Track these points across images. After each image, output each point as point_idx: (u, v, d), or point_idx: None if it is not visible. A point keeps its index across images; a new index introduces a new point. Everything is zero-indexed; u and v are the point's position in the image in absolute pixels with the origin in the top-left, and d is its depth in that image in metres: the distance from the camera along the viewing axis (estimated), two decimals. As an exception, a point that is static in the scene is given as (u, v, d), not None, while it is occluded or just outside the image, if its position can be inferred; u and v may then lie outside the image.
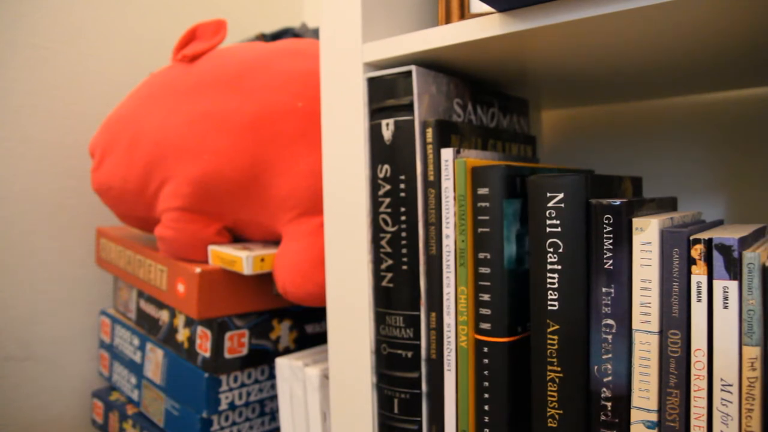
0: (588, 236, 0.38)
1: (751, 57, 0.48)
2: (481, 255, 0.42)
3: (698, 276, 0.35)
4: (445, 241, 0.44)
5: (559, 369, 0.39)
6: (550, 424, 0.40)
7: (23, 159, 0.78)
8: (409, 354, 0.47)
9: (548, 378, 0.40)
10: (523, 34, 0.40)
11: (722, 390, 0.34)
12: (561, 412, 0.39)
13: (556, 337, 0.39)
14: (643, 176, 0.72)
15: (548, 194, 0.39)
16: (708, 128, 0.68)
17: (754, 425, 0.33)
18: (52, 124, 0.81)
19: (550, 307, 0.40)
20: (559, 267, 0.39)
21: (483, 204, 0.42)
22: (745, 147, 0.65)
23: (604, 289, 0.38)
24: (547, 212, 0.39)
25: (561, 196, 0.39)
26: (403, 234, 0.46)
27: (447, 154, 0.44)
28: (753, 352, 0.33)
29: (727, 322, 0.34)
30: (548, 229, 0.39)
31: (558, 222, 0.39)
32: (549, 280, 0.40)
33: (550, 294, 0.40)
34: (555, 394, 0.40)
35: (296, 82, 0.63)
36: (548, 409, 0.40)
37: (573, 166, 0.68)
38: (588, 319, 0.39)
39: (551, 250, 0.39)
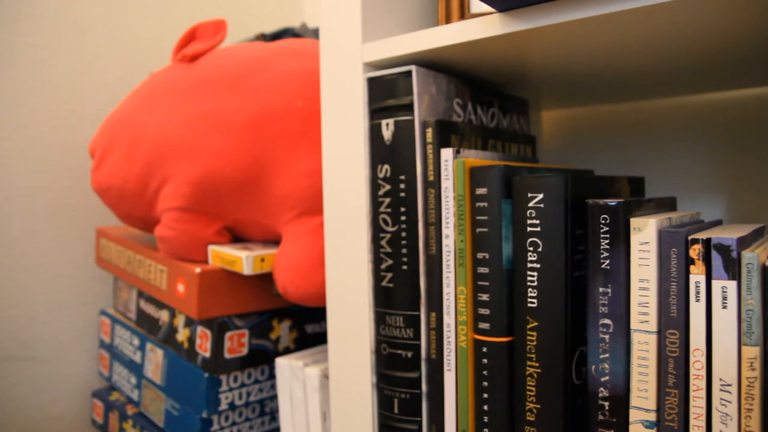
0: (567, 236, 0.39)
1: (752, 57, 0.48)
2: (480, 255, 0.42)
3: (697, 276, 0.35)
4: (444, 241, 0.44)
5: (537, 365, 0.40)
6: (528, 418, 0.40)
7: (23, 159, 0.78)
8: (409, 354, 0.47)
9: (527, 373, 0.40)
10: (523, 34, 0.40)
11: (721, 390, 0.34)
12: (539, 406, 0.40)
13: (534, 334, 0.40)
14: (643, 176, 0.72)
15: (529, 194, 0.40)
16: (708, 128, 0.68)
17: (754, 425, 0.33)
18: (52, 124, 0.81)
19: (529, 305, 0.40)
20: (539, 266, 0.40)
21: (481, 204, 0.42)
22: (745, 147, 0.65)
23: (601, 289, 0.38)
24: (528, 212, 0.40)
25: (541, 196, 0.39)
26: (403, 234, 0.46)
27: (447, 154, 0.44)
28: (752, 352, 0.33)
29: (725, 322, 0.34)
30: (528, 229, 0.40)
31: (538, 221, 0.40)
32: (529, 278, 0.40)
33: (530, 292, 0.40)
34: (533, 389, 0.40)
35: (296, 82, 0.63)
36: (527, 403, 0.40)
37: (573, 166, 0.68)
38: (566, 316, 0.39)
39: (531, 249, 0.40)
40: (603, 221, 0.38)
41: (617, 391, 0.38)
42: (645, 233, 0.37)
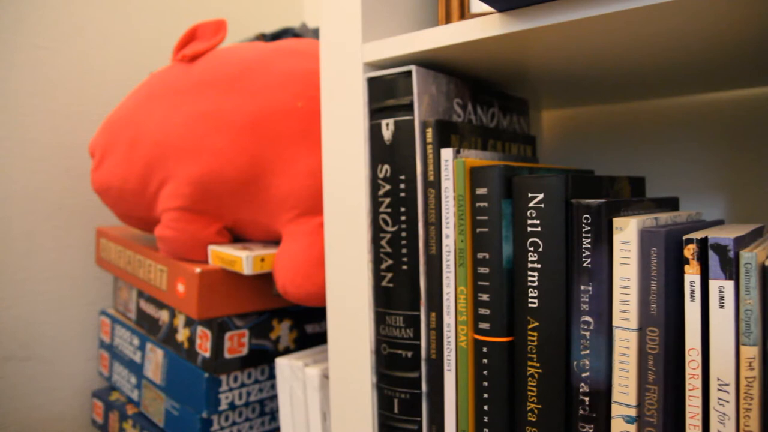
0: (568, 236, 0.39)
1: (751, 57, 0.48)
2: (480, 255, 0.42)
3: (691, 275, 0.35)
4: (445, 241, 0.44)
5: (538, 365, 0.40)
6: (529, 418, 0.41)
7: (23, 159, 0.78)
8: (409, 354, 0.47)
9: (528, 373, 0.41)
10: (523, 34, 0.41)
11: (719, 389, 0.34)
12: (540, 406, 0.40)
13: (535, 334, 0.40)
14: (644, 176, 0.72)
15: (529, 194, 0.40)
16: (708, 128, 0.68)
17: (753, 425, 0.33)
18: (52, 124, 0.81)
19: (530, 305, 0.40)
20: (539, 266, 0.40)
21: (481, 204, 0.42)
22: (746, 147, 0.65)
23: (582, 287, 0.38)
24: (528, 212, 0.40)
25: (541, 196, 0.40)
26: (403, 234, 0.46)
27: (447, 154, 0.44)
28: (751, 351, 0.33)
29: (723, 321, 0.34)
30: (529, 229, 0.40)
31: (538, 222, 0.40)
32: (529, 279, 0.40)
33: (531, 292, 0.40)
34: (534, 389, 0.40)
35: (296, 81, 0.63)
36: (528, 404, 0.41)
37: (573, 166, 0.68)
38: (567, 316, 0.39)
39: (531, 249, 0.40)
40: (585, 221, 0.38)
41: (597, 387, 0.38)
42: (626, 233, 0.37)
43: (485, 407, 0.42)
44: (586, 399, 0.38)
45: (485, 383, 0.42)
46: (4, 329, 0.76)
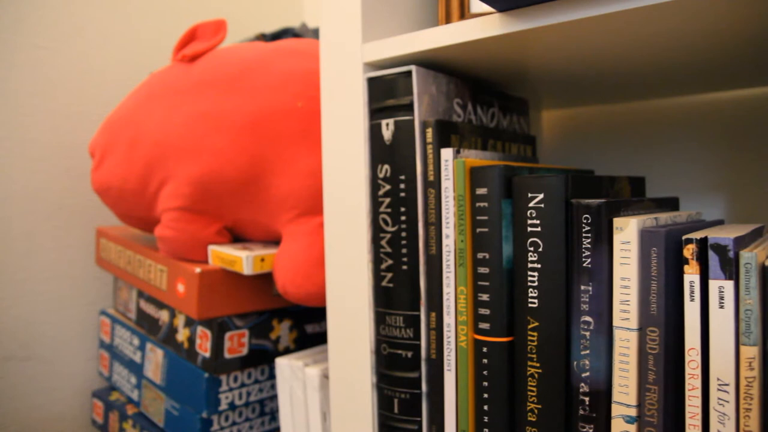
0: (568, 236, 0.39)
1: (751, 57, 0.48)
2: (480, 255, 0.42)
3: (691, 275, 0.35)
4: (445, 241, 0.44)
5: (538, 365, 0.40)
6: (530, 418, 0.41)
7: (23, 159, 0.78)
8: (409, 354, 0.47)
9: (528, 373, 0.41)
10: (523, 34, 0.41)
11: (719, 389, 0.34)
12: (540, 406, 0.40)
13: (535, 334, 0.40)
14: (644, 176, 0.72)
15: (529, 194, 0.40)
16: (708, 128, 0.68)
17: (752, 425, 0.33)
18: (52, 124, 0.81)
19: (530, 305, 0.40)
20: (539, 266, 0.40)
21: (481, 204, 0.42)
22: (747, 147, 0.65)
23: (582, 287, 0.38)
24: (528, 212, 0.40)
25: (541, 196, 0.40)
26: (403, 234, 0.46)
27: (447, 154, 0.44)
28: (751, 351, 0.33)
29: (723, 321, 0.34)
30: (529, 229, 0.40)
31: (538, 222, 0.40)
32: (529, 279, 0.40)
33: (531, 292, 0.40)
34: (534, 389, 0.40)
35: (296, 81, 0.63)
36: (528, 404, 0.41)
37: (573, 166, 0.68)
38: (567, 316, 0.39)
39: (531, 249, 0.40)
40: (585, 221, 0.38)
41: (597, 387, 0.38)
42: (626, 233, 0.37)
43: (485, 407, 0.42)
44: (586, 399, 0.38)
45: (485, 383, 0.42)
46: (4, 329, 0.76)
